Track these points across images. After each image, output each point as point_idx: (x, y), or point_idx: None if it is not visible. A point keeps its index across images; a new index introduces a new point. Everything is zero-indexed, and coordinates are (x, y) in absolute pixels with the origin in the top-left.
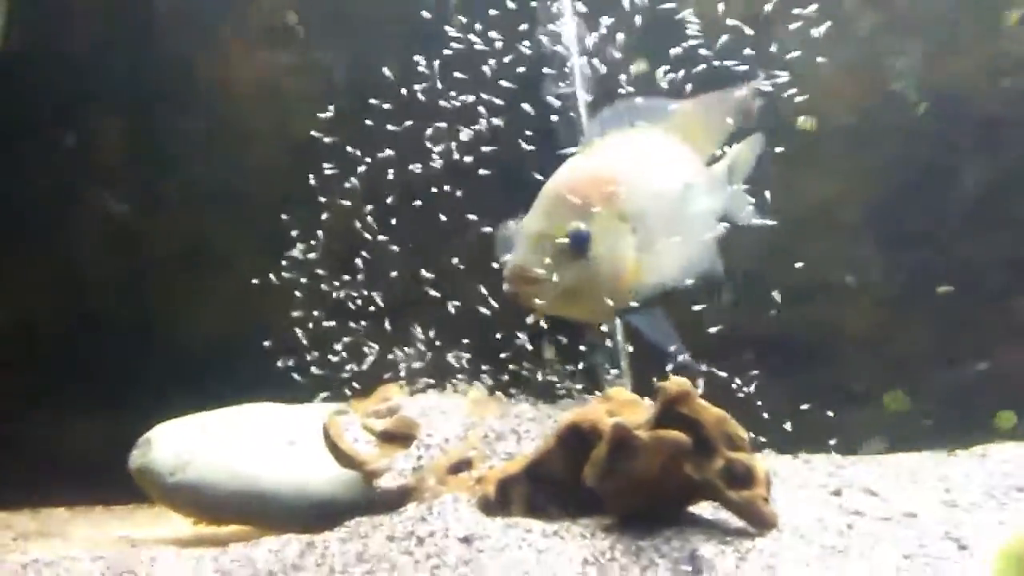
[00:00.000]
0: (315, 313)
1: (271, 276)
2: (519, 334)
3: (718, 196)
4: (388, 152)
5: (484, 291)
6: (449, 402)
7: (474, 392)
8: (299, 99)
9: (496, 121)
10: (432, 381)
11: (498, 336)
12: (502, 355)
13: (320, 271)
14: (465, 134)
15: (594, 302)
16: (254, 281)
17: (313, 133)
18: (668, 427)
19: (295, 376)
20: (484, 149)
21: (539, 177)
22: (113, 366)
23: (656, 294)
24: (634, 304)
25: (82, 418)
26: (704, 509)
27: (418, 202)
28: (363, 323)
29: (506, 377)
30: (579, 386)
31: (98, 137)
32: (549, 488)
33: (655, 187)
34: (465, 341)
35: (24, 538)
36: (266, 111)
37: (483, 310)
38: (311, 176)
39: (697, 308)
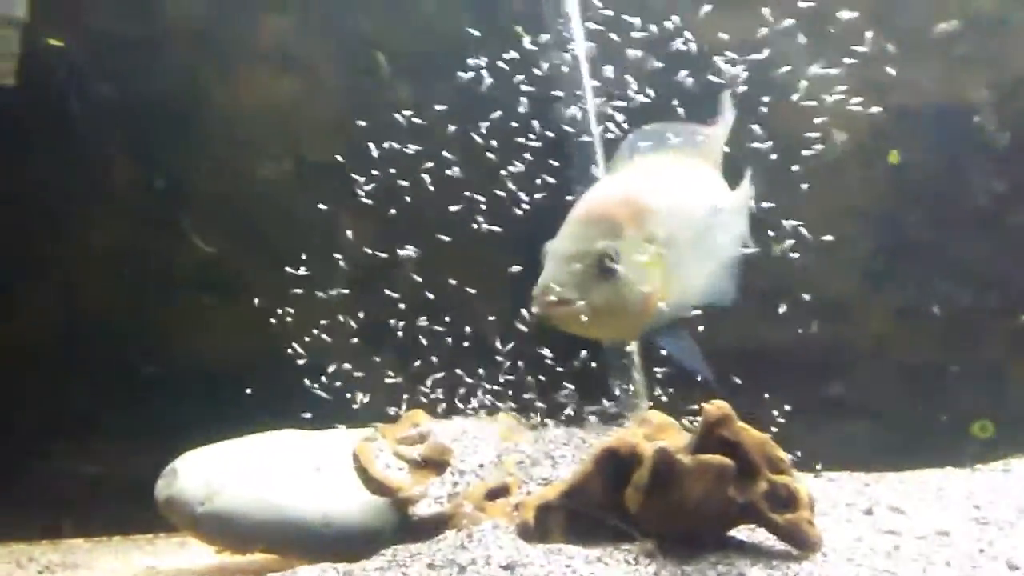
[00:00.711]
0: (332, 337)
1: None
2: (537, 357)
3: (742, 219)
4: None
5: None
6: (479, 428)
7: (504, 417)
8: (309, 122)
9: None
10: (460, 407)
11: (516, 360)
12: (519, 379)
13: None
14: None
15: (621, 322)
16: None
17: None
18: (709, 450)
19: (317, 400)
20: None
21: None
22: (122, 394)
23: (681, 315)
24: (659, 325)
25: (96, 446)
26: (745, 533)
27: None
28: (380, 348)
29: (528, 401)
30: (603, 409)
31: (105, 157)
32: (588, 513)
33: (684, 209)
34: (483, 365)
35: (50, 571)
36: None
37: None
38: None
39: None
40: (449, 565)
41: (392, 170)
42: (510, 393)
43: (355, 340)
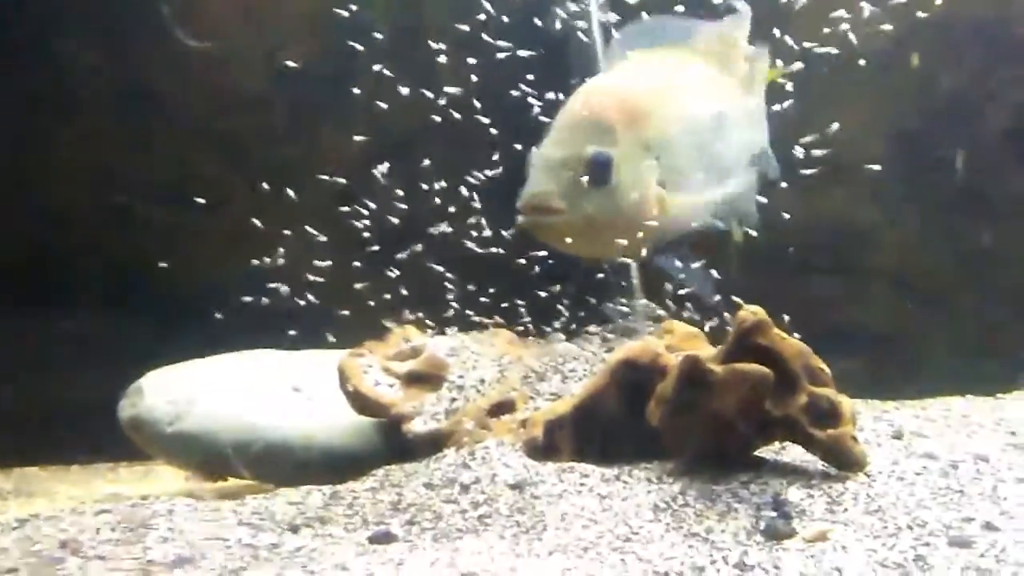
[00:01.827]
0: (315, 255)
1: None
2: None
3: (757, 129)
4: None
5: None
6: (479, 342)
7: (504, 331)
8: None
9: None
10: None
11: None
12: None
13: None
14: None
15: (615, 238)
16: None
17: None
18: (743, 360)
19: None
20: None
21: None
22: (93, 314)
23: (683, 234)
24: (659, 244)
25: (55, 369)
26: (770, 452)
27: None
28: (367, 264)
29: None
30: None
31: (74, 68)
32: (602, 429)
33: (685, 113)
34: (477, 281)
35: (2, 498)
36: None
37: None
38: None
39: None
40: (450, 484)
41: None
42: (505, 311)
43: (340, 257)
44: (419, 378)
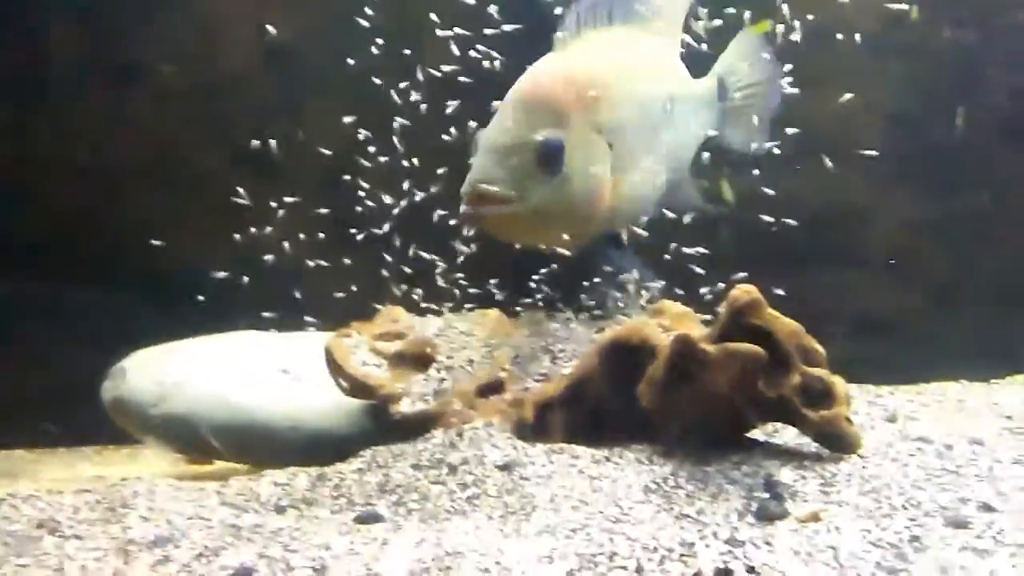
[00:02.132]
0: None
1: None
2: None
3: (705, 115)
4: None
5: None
6: (467, 322)
7: (493, 312)
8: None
9: None
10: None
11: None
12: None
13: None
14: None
15: (565, 228)
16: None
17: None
18: (736, 340)
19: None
20: None
21: None
22: (74, 294)
23: (631, 222)
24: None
25: (38, 351)
26: (761, 433)
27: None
28: (353, 245)
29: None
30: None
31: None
32: (592, 410)
33: (638, 96)
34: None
35: None
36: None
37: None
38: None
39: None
40: (437, 465)
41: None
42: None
43: (324, 238)
44: (406, 358)
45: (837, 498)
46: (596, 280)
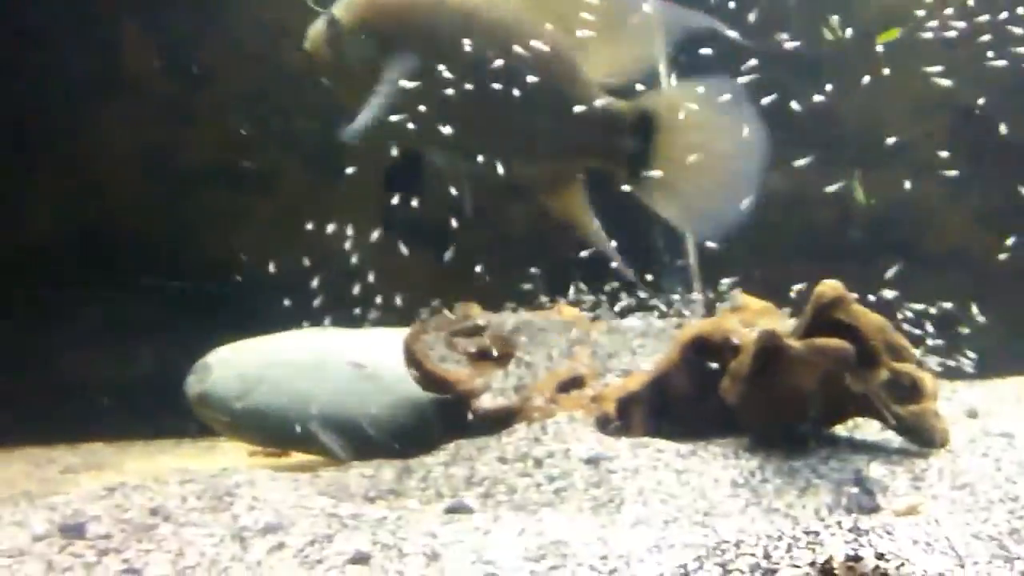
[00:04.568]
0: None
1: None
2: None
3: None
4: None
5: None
6: (544, 319)
7: (568, 308)
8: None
9: None
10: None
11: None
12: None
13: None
14: None
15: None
16: None
17: None
18: (821, 335)
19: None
20: None
21: None
22: (144, 291)
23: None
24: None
25: (110, 347)
26: (844, 428)
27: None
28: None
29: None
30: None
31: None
32: (675, 405)
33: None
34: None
35: (73, 471)
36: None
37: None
38: None
39: None
40: (523, 459)
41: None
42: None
43: (389, 237)
44: (485, 354)
45: (930, 492)
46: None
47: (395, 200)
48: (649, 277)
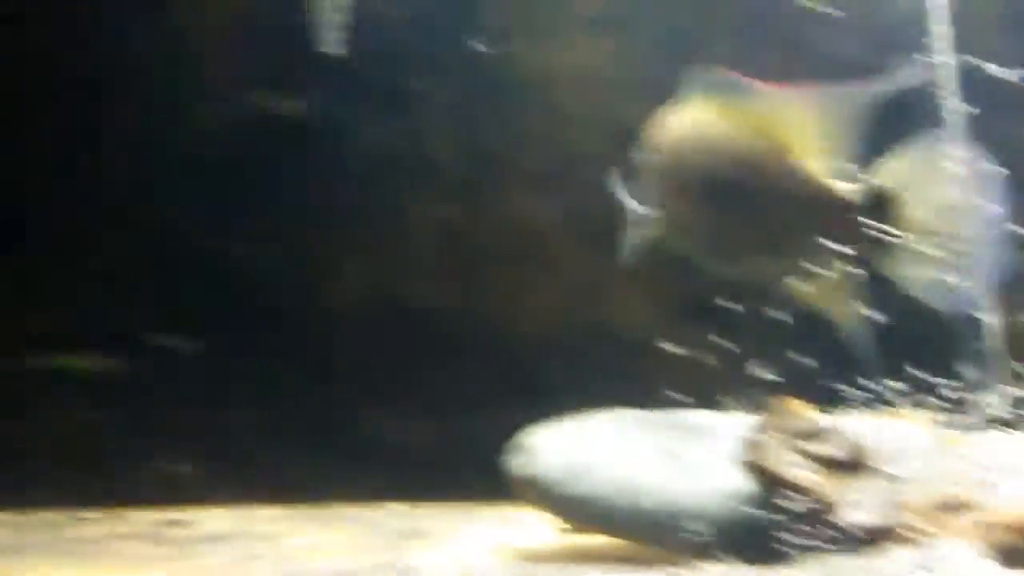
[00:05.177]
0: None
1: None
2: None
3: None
4: None
5: None
6: (892, 426)
7: (918, 414)
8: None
9: None
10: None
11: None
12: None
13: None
14: None
15: None
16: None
17: None
18: None
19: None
20: None
21: None
22: (439, 364)
23: None
24: None
25: (408, 416)
26: None
27: None
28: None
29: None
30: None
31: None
32: None
33: None
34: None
35: (402, 536)
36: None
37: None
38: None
39: None
40: None
41: None
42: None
43: (677, 318)
44: (841, 463)
45: None
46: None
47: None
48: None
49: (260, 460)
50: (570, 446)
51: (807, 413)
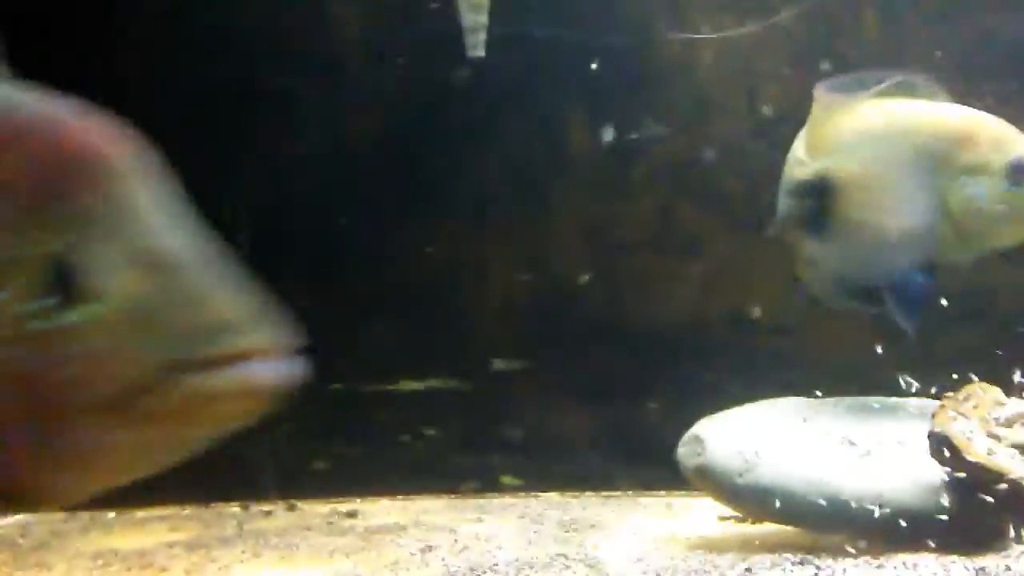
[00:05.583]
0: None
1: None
2: None
3: None
4: None
5: None
6: None
7: None
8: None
9: None
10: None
11: None
12: None
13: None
14: None
15: None
16: None
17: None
18: None
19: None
20: None
21: None
22: (586, 354)
23: None
24: None
25: (554, 406)
26: None
27: None
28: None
29: None
30: None
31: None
32: None
33: None
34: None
35: (570, 527)
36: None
37: None
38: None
39: None
40: None
41: None
42: None
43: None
44: None
45: None
46: None
47: None
48: None
49: None
50: (740, 435)
51: (1000, 397)
